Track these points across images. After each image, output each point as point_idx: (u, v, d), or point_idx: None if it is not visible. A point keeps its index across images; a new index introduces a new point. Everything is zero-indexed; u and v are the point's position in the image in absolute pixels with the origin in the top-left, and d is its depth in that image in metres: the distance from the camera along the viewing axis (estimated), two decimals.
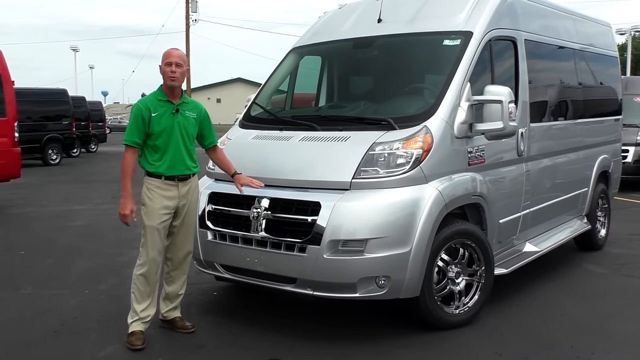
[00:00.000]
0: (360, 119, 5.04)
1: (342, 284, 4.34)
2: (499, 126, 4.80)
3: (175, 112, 4.53)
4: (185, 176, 4.58)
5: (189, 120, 4.60)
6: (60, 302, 5.52)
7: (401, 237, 4.33)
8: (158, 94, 4.57)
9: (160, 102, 4.53)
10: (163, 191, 4.50)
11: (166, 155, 4.49)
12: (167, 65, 4.49)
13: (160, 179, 4.50)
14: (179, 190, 4.54)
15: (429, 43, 5.41)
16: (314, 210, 4.41)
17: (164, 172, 4.50)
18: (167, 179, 4.51)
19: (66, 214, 10.80)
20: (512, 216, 5.55)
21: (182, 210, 4.60)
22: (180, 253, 4.73)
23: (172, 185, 4.52)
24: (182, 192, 4.56)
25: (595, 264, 6.98)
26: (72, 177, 17.87)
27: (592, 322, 5.01)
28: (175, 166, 4.52)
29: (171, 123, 4.50)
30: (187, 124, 4.58)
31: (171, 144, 4.50)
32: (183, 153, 4.55)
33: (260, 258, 4.64)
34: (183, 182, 4.58)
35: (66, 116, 22.89)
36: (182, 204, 4.59)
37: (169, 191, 4.51)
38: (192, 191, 4.67)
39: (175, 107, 4.54)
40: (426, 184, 4.51)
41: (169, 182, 4.51)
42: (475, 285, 4.92)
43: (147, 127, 4.45)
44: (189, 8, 38.67)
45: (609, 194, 7.99)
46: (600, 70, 7.74)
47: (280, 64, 6.25)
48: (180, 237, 4.68)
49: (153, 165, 4.51)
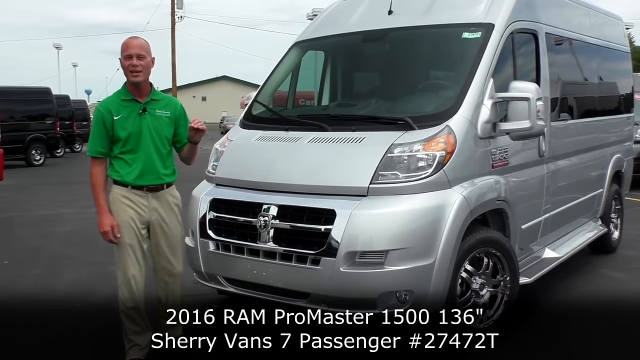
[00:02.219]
0: (374, 118, 4.63)
1: (361, 299, 3.95)
2: (526, 125, 4.43)
3: (142, 112, 3.96)
4: (155, 187, 4.03)
5: (161, 120, 4.03)
6: (48, 319, 5.08)
7: (425, 248, 3.95)
8: (121, 93, 4.00)
9: (124, 102, 3.96)
10: (129, 202, 3.97)
11: (135, 163, 3.96)
12: (126, 59, 3.89)
13: (127, 188, 3.98)
14: (148, 202, 4.01)
15: (446, 36, 5.02)
16: (328, 219, 4.02)
17: (131, 181, 3.96)
18: (135, 188, 3.98)
19: (52, 219, 10.34)
20: (534, 221, 5.21)
21: (156, 227, 4.06)
22: (167, 277, 4.21)
23: (140, 195, 3.99)
24: (153, 205, 4.02)
25: (611, 269, 6.68)
26: (57, 178, 17.36)
27: (623, 334, 4.67)
28: (144, 175, 3.98)
29: (138, 126, 3.93)
30: (159, 125, 4.01)
31: (140, 150, 3.95)
32: (154, 159, 4.00)
33: (268, 271, 4.24)
34: (153, 193, 4.02)
35: (50, 115, 22.33)
36: (155, 219, 4.04)
37: (136, 202, 3.99)
38: (167, 205, 4.10)
39: (142, 106, 3.97)
40: (450, 188, 4.13)
41: (136, 191, 3.98)
42: (500, 297, 4.55)
43: (111, 132, 3.91)
44: (175, 5, 38.07)
45: (622, 195, 7.70)
46: (614, 67, 7.47)
47: (283, 60, 5.83)
48: (162, 259, 4.15)
49: (119, 173, 3.98)
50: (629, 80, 7.98)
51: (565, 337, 4.57)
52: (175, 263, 4.22)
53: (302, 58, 5.85)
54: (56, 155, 24.58)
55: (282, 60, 5.81)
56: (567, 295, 5.63)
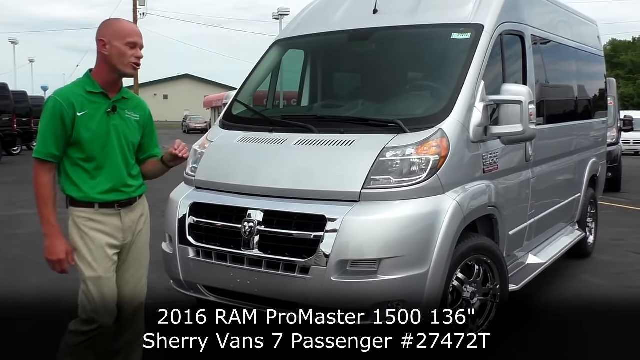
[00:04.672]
0: (363, 120, 4.46)
1: (353, 310, 3.77)
2: (518, 129, 4.32)
3: (112, 110, 3.24)
4: (127, 201, 3.33)
5: (130, 124, 3.34)
6: (11, 330, 4.76)
7: (419, 256, 3.81)
8: (86, 84, 3.22)
9: (91, 95, 3.20)
10: (100, 225, 3.23)
11: (101, 175, 3.23)
12: (130, 47, 3.20)
13: (93, 208, 3.23)
14: (122, 221, 3.30)
15: (434, 36, 4.89)
16: (318, 225, 3.83)
17: (97, 197, 3.21)
18: (103, 206, 3.24)
19: (11, 220, 9.90)
20: (520, 226, 5.13)
21: (128, 246, 3.38)
22: (131, 303, 3.45)
23: (111, 214, 3.27)
24: (128, 223, 3.33)
25: (590, 274, 6.68)
26: (14, 177, 16.70)
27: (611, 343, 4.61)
28: (114, 189, 3.26)
29: (105, 127, 3.21)
30: (127, 130, 3.32)
31: (106, 157, 3.23)
32: (122, 170, 3.29)
33: (253, 279, 4.03)
34: (126, 208, 3.32)
35: (6, 112, 21.54)
36: (130, 241, 3.37)
37: (108, 223, 3.26)
38: (142, 220, 3.45)
39: (112, 103, 3.25)
40: (443, 194, 3.99)
41: (106, 210, 3.25)
42: (490, 306, 4.44)
43: (70, 132, 3.14)
44: (137, 2, 37.40)
45: (597, 199, 7.73)
46: (592, 71, 7.49)
47: (263, 59, 5.60)
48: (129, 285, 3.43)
49: (79, 188, 3.21)
50: (603, 85, 8.04)
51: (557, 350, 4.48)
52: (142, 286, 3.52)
53: (283, 57, 5.65)
54: (12, 153, 23.74)
55: (262, 59, 5.59)
56: (553, 301, 5.57)
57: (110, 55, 3.19)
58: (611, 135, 11.63)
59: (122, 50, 3.18)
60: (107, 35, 3.20)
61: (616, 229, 9.21)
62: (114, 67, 3.21)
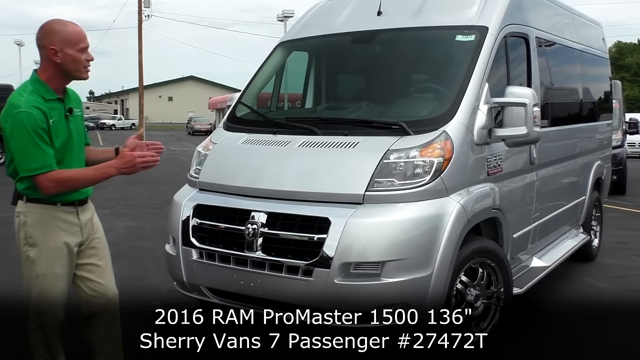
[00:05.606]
0: (367, 122, 4.44)
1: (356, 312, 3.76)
2: (522, 132, 4.31)
3: (69, 113, 3.26)
4: (84, 199, 3.38)
5: (79, 121, 3.38)
6: (13, 330, 4.76)
7: (422, 259, 3.79)
8: (42, 91, 3.16)
9: (50, 102, 3.16)
10: (61, 222, 3.25)
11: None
12: (82, 52, 3.18)
13: (55, 206, 3.23)
14: (79, 219, 3.34)
15: (438, 38, 4.87)
16: (321, 227, 3.82)
17: (60, 197, 3.22)
18: (65, 204, 3.26)
19: (13, 222, 9.86)
20: (524, 229, 5.10)
21: (91, 243, 3.43)
22: (100, 306, 3.48)
23: (69, 212, 3.29)
24: (84, 220, 3.37)
25: (594, 277, 6.64)
26: None
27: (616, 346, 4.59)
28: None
29: (67, 130, 3.23)
30: (79, 127, 3.36)
31: (69, 160, 3.24)
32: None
33: (256, 282, 4.02)
34: (82, 206, 3.37)
35: None
36: (88, 236, 3.40)
37: (68, 221, 3.28)
38: (95, 216, 3.51)
39: (67, 106, 3.26)
40: (447, 196, 3.98)
41: (67, 208, 3.27)
42: (494, 309, 4.41)
43: (50, 141, 3.12)
44: (142, 4, 37.47)
45: (601, 202, 7.69)
46: (597, 73, 7.45)
47: (267, 61, 5.60)
48: (99, 281, 3.46)
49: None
50: (608, 86, 8.00)
51: (563, 346, 4.46)
52: (112, 283, 3.54)
53: (287, 59, 5.64)
54: None
55: (266, 61, 5.58)
56: (557, 305, 5.54)
57: (63, 63, 3.17)
58: (616, 138, 11.58)
59: (76, 57, 3.18)
60: (57, 42, 3.14)
61: (621, 232, 9.18)
62: (68, 73, 3.22)
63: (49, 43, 3.15)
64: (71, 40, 3.16)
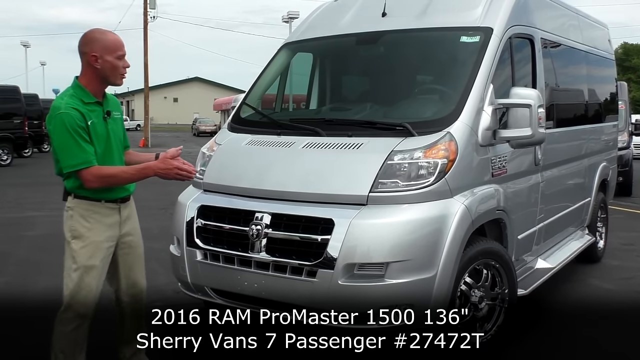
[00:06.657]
0: (371, 123, 4.43)
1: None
2: (527, 133, 4.30)
3: (107, 116, 3.50)
4: (127, 197, 3.65)
5: (118, 123, 3.63)
6: (20, 333, 4.77)
7: (426, 260, 3.79)
8: (81, 95, 3.41)
9: (89, 105, 3.41)
10: (104, 217, 3.51)
11: None
12: (120, 59, 3.44)
13: (100, 202, 3.49)
14: (120, 215, 3.60)
15: (443, 40, 4.87)
16: (325, 229, 3.83)
17: (104, 194, 3.49)
18: (109, 201, 3.53)
19: (21, 222, 9.96)
20: (529, 231, 5.09)
21: (126, 240, 3.68)
22: (132, 295, 3.80)
23: (112, 209, 3.55)
24: (124, 217, 3.63)
25: (599, 279, 6.61)
26: (25, 179, 16.83)
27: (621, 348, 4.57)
28: (116, 187, 3.56)
29: (106, 132, 3.48)
30: (118, 129, 3.61)
31: (109, 160, 3.49)
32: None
33: (260, 282, 4.02)
34: (125, 204, 3.64)
35: (18, 115, 21.68)
36: (125, 232, 3.65)
37: (110, 217, 3.54)
38: (134, 215, 3.77)
39: (105, 109, 3.51)
40: (451, 198, 3.97)
41: (110, 205, 3.53)
42: (498, 310, 4.41)
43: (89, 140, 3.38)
44: (147, 5, 37.53)
45: (607, 204, 7.67)
46: (602, 74, 7.44)
47: (271, 62, 5.60)
48: (131, 275, 3.75)
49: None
50: (614, 87, 7.98)
51: (568, 348, 4.44)
52: (143, 277, 3.85)
53: (292, 60, 5.65)
54: (24, 156, 23.93)
55: (270, 62, 5.59)
56: (561, 307, 5.53)
57: (102, 69, 3.41)
58: (622, 139, 11.54)
59: (115, 64, 3.42)
60: (98, 49, 3.39)
61: (627, 233, 9.14)
62: (105, 79, 3.46)
63: (90, 50, 3.39)
64: (110, 48, 3.41)
